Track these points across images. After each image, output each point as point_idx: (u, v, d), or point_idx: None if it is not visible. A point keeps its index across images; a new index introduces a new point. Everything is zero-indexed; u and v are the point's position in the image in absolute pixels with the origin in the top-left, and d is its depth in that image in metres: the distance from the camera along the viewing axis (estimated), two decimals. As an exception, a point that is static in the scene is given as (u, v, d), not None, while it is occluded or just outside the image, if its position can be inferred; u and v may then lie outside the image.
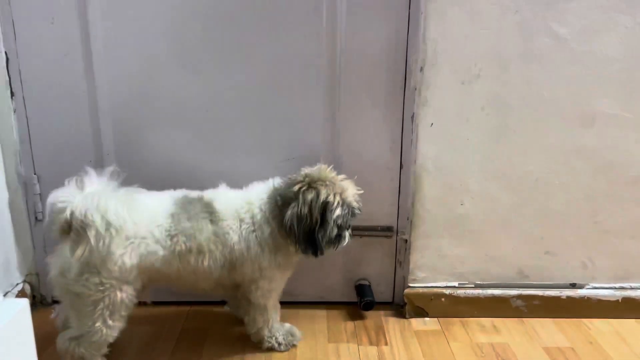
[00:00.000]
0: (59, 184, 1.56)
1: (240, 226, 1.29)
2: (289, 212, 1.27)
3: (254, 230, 1.30)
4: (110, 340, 1.28)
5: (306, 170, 1.34)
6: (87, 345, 1.25)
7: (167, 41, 1.48)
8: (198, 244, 1.26)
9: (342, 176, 1.35)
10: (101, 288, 1.20)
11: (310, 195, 1.28)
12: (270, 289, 1.37)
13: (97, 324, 1.23)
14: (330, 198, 1.28)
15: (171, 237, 1.25)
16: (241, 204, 1.31)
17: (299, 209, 1.27)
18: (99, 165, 1.55)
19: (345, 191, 1.32)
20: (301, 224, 1.27)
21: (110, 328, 1.24)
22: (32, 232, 1.62)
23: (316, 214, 1.27)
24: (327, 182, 1.30)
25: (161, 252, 1.24)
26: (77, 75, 1.50)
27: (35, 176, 1.57)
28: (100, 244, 1.14)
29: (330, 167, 1.35)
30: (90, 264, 1.18)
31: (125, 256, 1.20)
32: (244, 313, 1.43)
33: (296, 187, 1.29)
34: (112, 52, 1.48)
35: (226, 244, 1.28)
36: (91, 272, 1.19)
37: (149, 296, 1.43)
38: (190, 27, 1.47)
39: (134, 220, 1.20)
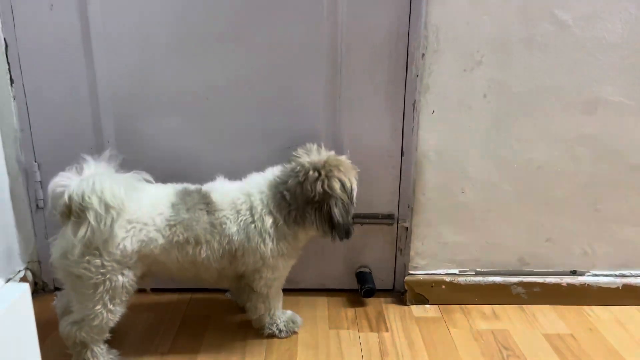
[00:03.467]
0: (59, 171, 1.56)
1: (238, 217, 1.30)
2: (336, 211, 1.28)
3: (252, 222, 1.30)
4: (111, 324, 1.28)
5: (301, 156, 1.33)
6: (88, 329, 1.26)
7: (167, 28, 1.47)
8: (195, 234, 1.27)
9: (332, 152, 1.36)
10: (102, 271, 1.21)
11: (337, 185, 1.29)
12: (274, 278, 1.38)
13: (98, 307, 1.24)
14: (351, 183, 1.32)
15: (170, 226, 1.26)
16: (238, 196, 1.32)
17: (341, 203, 1.28)
18: (99, 153, 1.55)
19: (350, 169, 1.34)
20: (348, 216, 1.30)
21: (110, 312, 1.25)
22: (33, 220, 1.63)
23: (352, 200, 1.32)
24: (339, 167, 1.31)
25: (160, 241, 1.25)
26: (76, 62, 1.49)
27: (35, 164, 1.57)
28: (102, 224, 1.15)
29: (316, 147, 1.36)
30: (92, 246, 1.19)
31: (127, 240, 1.22)
32: (246, 300, 1.44)
33: (317, 183, 1.28)
34: (111, 39, 1.48)
35: (223, 234, 1.29)
36: (93, 254, 1.20)
37: (150, 284, 1.44)
38: (190, 13, 1.46)
39: (138, 205, 1.23)
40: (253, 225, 1.30)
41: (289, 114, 1.54)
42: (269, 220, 1.30)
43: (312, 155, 1.34)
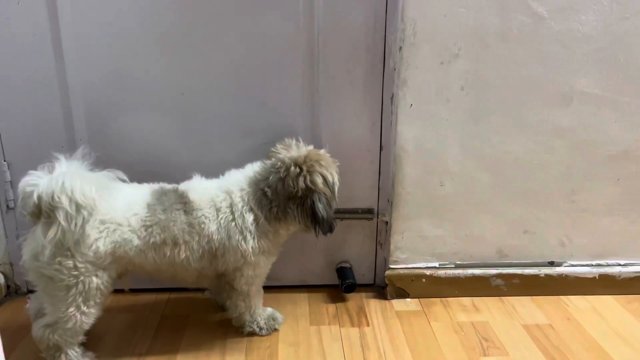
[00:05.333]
0: (29, 170, 1.53)
1: (218, 215, 1.27)
2: (320, 206, 1.26)
3: (233, 219, 1.28)
4: (86, 327, 1.25)
5: (280, 151, 1.32)
6: (62, 332, 1.23)
7: (140, 21, 1.44)
8: (172, 235, 1.24)
9: (311, 147, 1.35)
10: (75, 273, 1.18)
11: (319, 180, 1.27)
12: (255, 275, 1.36)
13: (71, 310, 1.21)
14: (332, 177, 1.31)
15: (146, 227, 1.23)
16: (217, 193, 1.30)
17: (324, 198, 1.27)
18: (71, 151, 1.51)
19: (330, 163, 1.33)
20: (331, 210, 1.29)
21: (84, 314, 1.22)
22: (3, 221, 1.58)
23: (334, 195, 1.31)
24: (320, 161, 1.30)
25: (136, 242, 1.22)
26: (45, 58, 1.45)
27: (5, 163, 1.53)
28: (72, 224, 1.12)
29: (294, 142, 1.35)
30: (64, 247, 1.15)
31: (100, 241, 1.19)
32: (226, 298, 1.42)
33: (299, 179, 1.26)
34: (82, 33, 1.43)
35: (202, 234, 1.27)
36: (64, 255, 1.17)
37: (129, 284, 1.41)
38: (164, 4, 1.43)
39: (112, 205, 1.20)
40: (233, 223, 1.28)
41: (266, 110, 1.52)
42: (249, 217, 1.28)
43: (292, 150, 1.32)
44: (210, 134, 1.53)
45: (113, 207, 1.21)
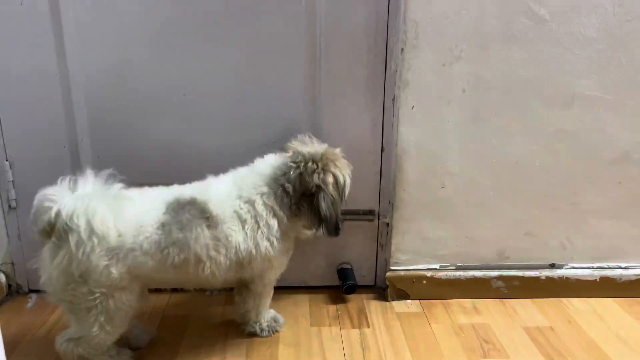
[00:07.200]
0: (31, 170, 1.53)
1: (244, 227, 1.23)
2: (323, 205, 1.24)
3: (259, 228, 1.24)
4: (110, 343, 1.21)
5: (299, 146, 1.30)
6: (86, 347, 1.19)
7: (142, 22, 1.44)
8: (195, 253, 1.18)
9: (325, 145, 1.33)
10: (91, 297, 1.13)
11: (330, 179, 1.26)
12: (276, 278, 1.37)
13: (94, 330, 1.16)
14: (344, 179, 1.30)
15: (161, 250, 1.16)
16: (239, 204, 1.24)
17: (331, 197, 1.25)
18: (73, 151, 1.52)
19: (345, 165, 1.32)
20: (336, 211, 1.27)
21: (108, 333, 1.18)
22: (5, 221, 1.58)
23: (343, 196, 1.29)
24: (336, 162, 1.29)
25: (151, 263, 1.16)
26: (48, 58, 1.45)
27: (7, 163, 1.53)
28: (80, 252, 1.07)
29: (308, 137, 1.34)
30: (74, 274, 1.10)
31: (111, 267, 1.12)
32: (236, 293, 1.40)
33: (314, 175, 1.25)
34: (84, 34, 1.44)
35: (229, 246, 1.21)
36: (77, 282, 1.11)
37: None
38: (166, 6, 1.43)
39: (119, 231, 1.12)
40: (260, 232, 1.24)
41: (268, 110, 1.52)
42: (274, 224, 1.25)
43: (309, 145, 1.30)
44: (212, 135, 1.53)
45: (122, 232, 1.12)
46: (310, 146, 1.30)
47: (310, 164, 1.26)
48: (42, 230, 1.10)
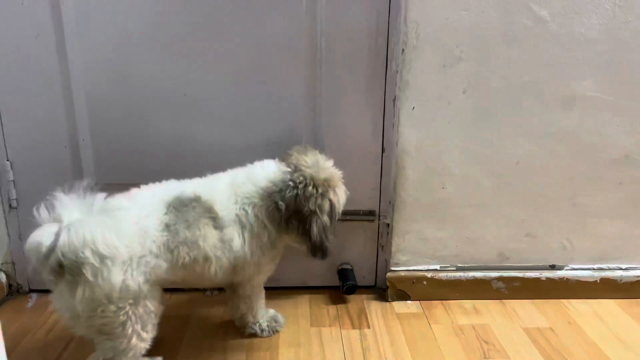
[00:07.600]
0: (32, 170, 1.53)
1: (243, 232, 1.24)
2: (315, 230, 1.24)
3: (253, 237, 1.25)
4: (144, 351, 1.21)
5: (299, 160, 1.28)
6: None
7: (143, 22, 1.44)
8: (204, 253, 1.18)
9: (329, 163, 1.32)
10: (122, 312, 1.12)
11: (326, 205, 1.26)
12: (263, 281, 1.38)
13: (133, 341, 1.16)
14: (339, 205, 1.30)
15: (171, 250, 1.15)
16: (239, 211, 1.24)
17: (323, 222, 1.25)
18: (74, 151, 1.52)
19: (343, 191, 1.32)
20: (326, 236, 1.26)
21: (144, 341, 1.18)
22: (6, 220, 1.58)
23: (334, 222, 1.29)
24: (336, 188, 1.28)
25: (164, 265, 1.15)
26: (49, 58, 1.45)
27: (8, 162, 1.53)
28: (99, 279, 1.05)
29: (308, 148, 1.34)
30: (100, 299, 1.08)
31: (128, 280, 1.10)
32: (228, 298, 1.42)
33: (311, 200, 1.24)
34: (85, 33, 1.44)
35: (232, 250, 1.22)
36: (104, 304, 1.09)
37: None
38: (167, 5, 1.43)
39: (125, 243, 1.09)
40: (255, 241, 1.25)
41: (269, 111, 1.52)
42: (265, 234, 1.26)
43: (310, 160, 1.28)
44: (212, 134, 1.53)
45: (127, 244, 1.10)
46: (312, 162, 1.28)
47: (310, 188, 1.24)
48: (53, 272, 1.06)
